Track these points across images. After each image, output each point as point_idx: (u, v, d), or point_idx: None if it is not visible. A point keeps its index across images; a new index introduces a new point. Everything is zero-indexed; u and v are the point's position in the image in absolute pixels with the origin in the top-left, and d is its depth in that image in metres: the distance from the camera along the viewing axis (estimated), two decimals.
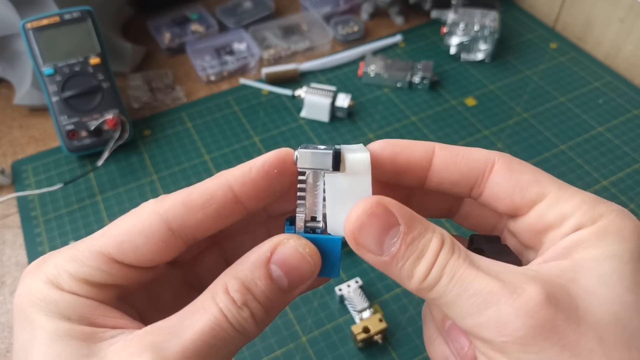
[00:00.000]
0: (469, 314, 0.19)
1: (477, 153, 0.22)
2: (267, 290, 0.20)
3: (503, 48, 0.74)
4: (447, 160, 0.22)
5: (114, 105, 0.60)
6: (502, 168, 0.22)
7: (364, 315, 0.45)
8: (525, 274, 0.19)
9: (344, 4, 0.79)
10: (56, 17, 0.58)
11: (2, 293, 0.50)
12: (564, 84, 0.69)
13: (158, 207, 0.21)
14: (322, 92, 0.63)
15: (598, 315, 0.18)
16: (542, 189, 0.21)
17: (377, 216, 0.20)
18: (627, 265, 0.19)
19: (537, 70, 0.71)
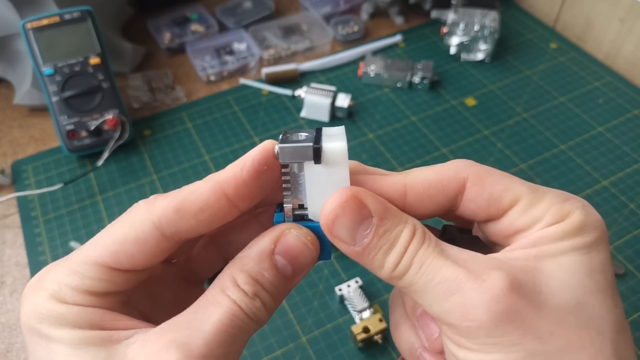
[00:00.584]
0: (436, 301, 0.20)
1: (447, 178, 0.22)
2: (274, 279, 0.21)
3: (503, 48, 0.74)
4: (419, 196, 0.22)
5: (114, 105, 0.60)
6: (473, 185, 0.22)
7: (364, 315, 0.45)
8: (491, 261, 0.20)
9: (344, 4, 0.79)
10: (56, 17, 0.58)
11: (2, 293, 0.50)
12: (564, 84, 0.69)
13: (150, 213, 0.21)
14: (322, 92, 0.63)
15: (560, 299, 0.19)
16: (514, 196, 0.22)
17: (351, 208, 0.20)
18: (587, 255, 0.20)
19: (537, 70, 0.71)
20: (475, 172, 0.22)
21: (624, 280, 0.49)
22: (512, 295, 0.19)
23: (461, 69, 0.71)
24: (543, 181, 0.57)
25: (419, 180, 0.22)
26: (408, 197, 0.22)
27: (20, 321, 0.21)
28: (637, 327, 0.46)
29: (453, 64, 0.72)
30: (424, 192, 0.22)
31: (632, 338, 0.21)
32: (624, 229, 0.53)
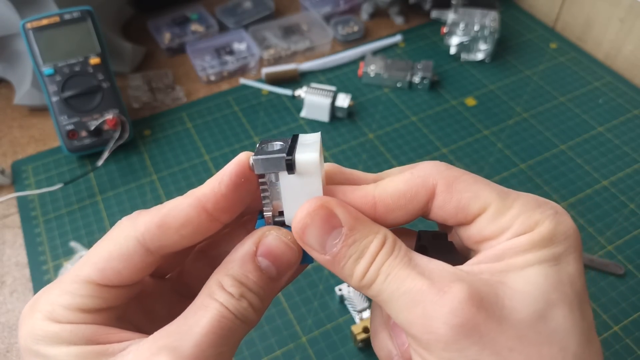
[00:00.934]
0: (401, 311, 0.20)
1: (416, 186, 0.22)
2: (258, 281, 0.21)
3: (503, 48, 0.74)
4: (389, 207, 0.22)
5: (114, 105, 0.60)
6: (442, 192, 0.22)
7: (364, 315, 0.45)
8: (456, 273, 0.20)
9: (344, 4, 0.79)
10: (56, 17, 0.58)
11: (2, 293, 0.50)
12: (564, 84, 0.69)
13: (134, 230, 0.22)
14: (322, 92, 0.63)
15: (522, 313, 0.19)
16: (482, 203, 0.21)
17: (320, 217, 0.21)
18: (554, 267, 0.20)
19: (537, 70, 0.71)
20: (445, 178, 0.22)
21: (623, 280, 0.49)
22: (471, 309, 0.18)
23: (461, 69, 0.71)
24: (543, 181, 0.57)
25: (388, 192, 0.22)
26: (378, 209, 0.22)
27: (18, 338, 0.21)
28: (637, 327, 0.46)
29: (453, 64, 0.72)
30: (394, 204, 0.22)
31: (601, 351, 0.20)
32: (624, 229, 0.53)
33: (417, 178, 0.22)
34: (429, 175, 0.22)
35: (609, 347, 0.45)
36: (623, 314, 0.47)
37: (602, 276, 0.49)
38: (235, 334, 0.21)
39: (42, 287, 0.54)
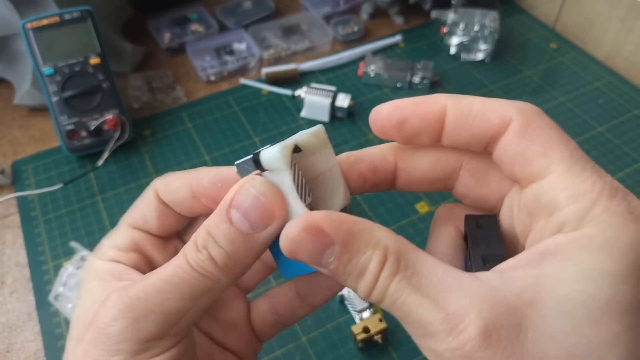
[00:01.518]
0: (413, 335, 0.19)
1: (492, 111, 0.20)
2: (227, 233, 0.20)
3: (503, 48, 0.74)
4: (458, 123, 0.20)
5: (114, 105, 0.60)
6: (513, 132, 0.19)
7: (364, 315, 0.45)
8: (479, 293, 0.17)
9: (344, 4, 0.79)
10: (56, 17, 0.58)
11: (2, 293, 0.50)
12: (564, 84, 0.69)
13: (154, 183, 0.26)
14: (322, 92, 0.63)
15: (547, 351, 0.16)
16: (546, 166, 0.18)
17: (308, 239, 0.19)
18: (601, 290, 0.16)
19: (537, 70, 0.71)
20: (524, 117, 0.19)
21: None
22: (486, 352, 0.16)
23: (461, 69, 0.71)
24: None
25: (462, 102, 0.20)
26: (447, 119, 0.20)
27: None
28: None
29: (453, 64, 0.72)
30: (462, 119, 0.20)
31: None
32: None
33: (496, 104, 0.20)
34: (509, 109, 0.20)
35: None
36: None
37: None
38: (189, 285, 0.20)
39: (42, 288, 0.54)
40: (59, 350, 0.46)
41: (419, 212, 0.55)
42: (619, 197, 0.17)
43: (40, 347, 0.46)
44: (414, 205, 0.55)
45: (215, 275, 0.20)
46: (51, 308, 0.48)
